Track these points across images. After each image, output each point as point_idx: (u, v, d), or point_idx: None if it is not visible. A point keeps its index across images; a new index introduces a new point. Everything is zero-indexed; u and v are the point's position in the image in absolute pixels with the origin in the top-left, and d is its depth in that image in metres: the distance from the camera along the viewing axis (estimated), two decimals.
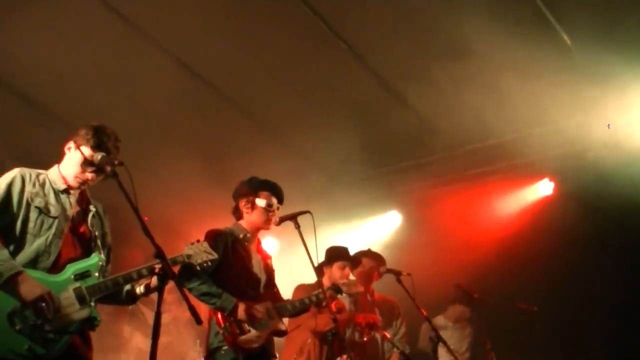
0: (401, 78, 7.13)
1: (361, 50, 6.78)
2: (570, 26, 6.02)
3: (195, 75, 7.09)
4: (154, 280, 3.46)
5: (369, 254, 6.30)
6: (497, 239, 7.44)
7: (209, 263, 3.76)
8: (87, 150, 3.50)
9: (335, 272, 5.80)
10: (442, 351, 5.42)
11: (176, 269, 3.76)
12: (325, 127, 7.89)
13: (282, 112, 7.89)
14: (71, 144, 3.58)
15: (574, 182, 7.32)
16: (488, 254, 7.37)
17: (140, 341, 7.41)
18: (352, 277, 5.48)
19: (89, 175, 3.53)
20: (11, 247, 3.31)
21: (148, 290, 3.57)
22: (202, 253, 3.73)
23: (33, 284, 3.20)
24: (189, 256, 3.69)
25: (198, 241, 3.79)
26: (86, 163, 3.50)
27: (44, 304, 3.16)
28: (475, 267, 7.07)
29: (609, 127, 6.86)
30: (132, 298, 3.67)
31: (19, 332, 3.17)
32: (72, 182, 3.57)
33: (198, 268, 3.74)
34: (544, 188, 7.77)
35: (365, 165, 8.78)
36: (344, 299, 5.87)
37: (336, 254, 5.77)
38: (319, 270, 5.83)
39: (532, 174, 7.79)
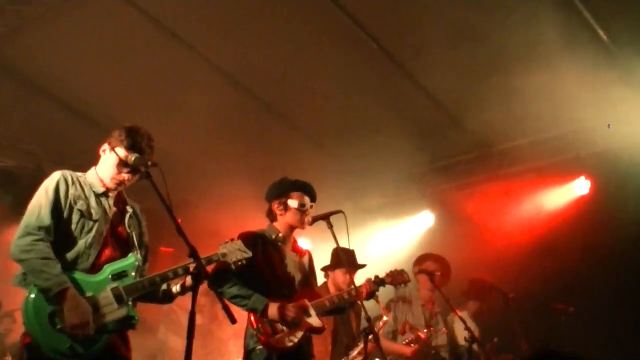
0: (431, 73, 7.08)
1: (394, 51, 6.77)
2: (606, 22, 5.93)
3: (243, 88, 7.33)
4: (189, 280, 3.49)
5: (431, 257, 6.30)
6: (531, 239, 7.34)
7: (244, 262, 3.79)
8: (122, 152, 3.54)
9: (338, 276, 5.79)
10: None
11: (210, 268, 3.78)
12: (356, 129, 7.90)
13: (313, 113, 7.92)
14: (106, 147, 3.64)
15: (610, 181, 7.19)
16: (522, 254, 7.28)
17: (173, 341, 7.47)
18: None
19: (125, 176, 3.58)
20: (56, 248, 3.35)
21: (184, 289, 3.60)
22: (236, 252, 3.76)
23: (76, 305, 3.23)
24: (224, 255, 3.73)
25: (232, 240, 3.81)
26: (121, 164, 3.55)
27: (79, 332, 3.21)
28: (509, 267, 6.98)
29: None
30: (169, 297, 3.71)
31: (60, 332, 3.22)
32: (109, 183, 3.62)
33: (233, 267, 3.76)
34: (580, 187, 7.64)
35: (398, 166, 8.76)
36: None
37: (340, 261, 5.65)
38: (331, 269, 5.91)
39: (568, 173, 7.68)
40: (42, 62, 6.96)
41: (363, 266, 5.22)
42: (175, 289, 3.65)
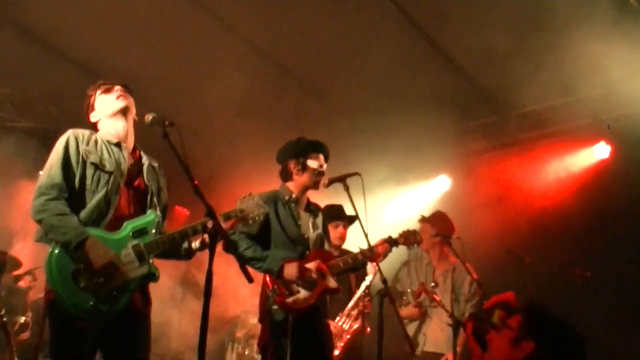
0: (452, 40, 7.00)
1: (417, 16, 6.70)
2: None
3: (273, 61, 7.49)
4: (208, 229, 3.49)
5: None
6: (549, 204, 7.30)
7: (261, 216, 3.80)
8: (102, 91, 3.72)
9: (329, 231, 5.77)
10: None
11: (229, 224, 3.79)
12: (375, 91, 7.84)
13: (329, 77, 7.87)
14: (91, 114, 3.77)
15: (630, 145, 7.10)
16: (540, 218, 7.24)
17: (190, 301, 7.56)
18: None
19: (118, 91, 3.72)
20: (73, 206, 3.38)
21: (203, 245, 3.62)
22: (253, 206, 3.76)
23: (98, 250, 3.27)
24: (241, 210, 3.73)
25: (250, 194, 3.82)
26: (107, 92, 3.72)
27: (109, 274, 3.28)
28: (526, 231, 6.96)
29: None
30: (189, 253, 3.73)
31: (83, 290, 3.26)
32: (117, 122, 3.67)
33: (250, 222, 3.78)
34: (599, 151, 7.55)
35: (414, 130, 8.70)
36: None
37: (330, 214, 5.59)
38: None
39: (588, 137, 7.59)
40: (59, 23, 6.95)
41: (354, 217, 5.02)
42: (195, 244, 3.68)
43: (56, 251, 3.29)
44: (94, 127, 3.74)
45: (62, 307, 3.24)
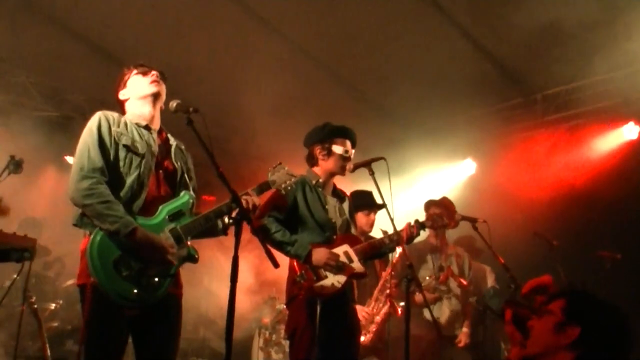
0: (476, 20, 6.91)
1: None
2: None
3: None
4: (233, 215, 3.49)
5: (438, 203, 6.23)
6: (577, 185, 7.21)
7: (293, 185, 3.84)
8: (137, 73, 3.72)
9: (360, 218, 5.75)
10: None
11: (263, 197, 3.79)
12: (400, 75, 7.79)
13: (354, 58, 7.82)
14: (122, 91, 3.74)
15: None
16: (568, 200, 7.16)
17: (216, 287, 7.60)
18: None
19: (153, 76, 3.70)
20: (110, 188, 3.37)
21: (235, 220, 3.58)
22: (284, 176, 3.78)
23: (150, 242, 3.29)
24: (273, 182, 3.76)
25: (280, 164, 3.82)
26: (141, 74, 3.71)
27: (165, 265, 3.33)
28: (554, 214, 6.89)
29: None
30: (225, 229, 3.74)
31: (125, 279, 3.27)
32: (147, 113, 3.66)
33: (283, 192, 3.82)
34: (628, 132, 7.43)
35: (441, 113, 8.65)
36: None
37: (359, 202, 5.66)
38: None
39: (617, 118, 7.47)
40: (89, 13, 6.99)
41: (382, 205, 5.02)
42: (226, 220, 3.68)
43: (98, 239, 3.28)
44: (119, 105, 3.73)
45: (105, 294, 3.24)
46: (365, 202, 5.69)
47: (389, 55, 7.48)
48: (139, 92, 3.68)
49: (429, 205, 6.23)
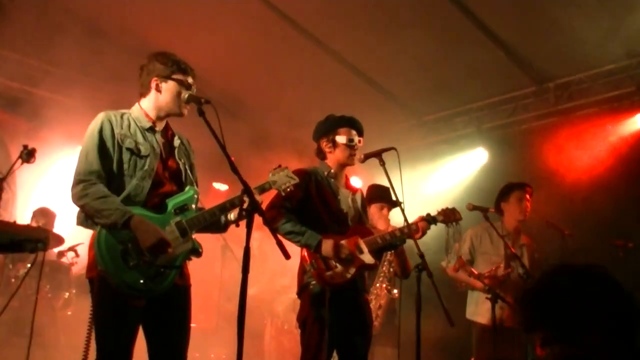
0: (489, 8, 6.87)
1: None
2: None
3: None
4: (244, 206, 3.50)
5: None
6: (590, 175, 7.16)
7: (292, 187, 3.85)
8: (178, 77, 3.63)
9: (373, 212, 5.75)
10: None
11: (266, 196, 3.81)
12: (411, 64, 7.76)
13: (366, 48, 7.80)
14: (156, 79, 3.65)
15: None
16: (581, 190, 7.12)
17: (229, 277, 7.63)
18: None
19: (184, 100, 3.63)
20: (112, 190, 3.41)
21: (240, 216, 3.60)
22: (284, 178, 3.81)
23: (146, 228, 3.32)
24: (273, 182, 3.77)
25: (280, 166, 3.85)
26: (182, 88, 3.63)
27: (159, 250, 3.34)
28: (566, 203, 6.85)
29: None
30: (226, 225, 3.79)
31: (133, 269, 3.31)
32: (162, 113, 3.66)
33: (282, 193, 3.83)
34: None
35: (452, 102, 8.62)
36: None
37: (375, 195, 5.68)
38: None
39: (630, 106, 7.41)
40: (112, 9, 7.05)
41: (398, 203, 4.99)
42: (231, 216, 3.72)
43: (104, 231, 3.33)
44: (145, 87, 3.70)
45: (113, 285, 3.28)
46: (380, 196, 5.68)
47: (400, 43, 7.45)
48: (168, 102, 3.64)
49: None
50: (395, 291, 5.83)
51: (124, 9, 7.30)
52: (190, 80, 3.67)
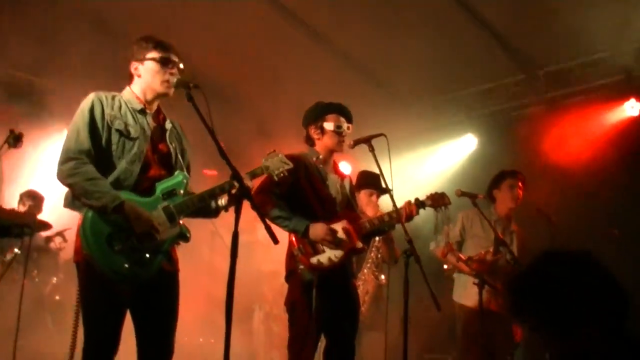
0: None
1: None
2: None
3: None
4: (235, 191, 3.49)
5: None
6: (577, 162, 7.19)
7: (286, 172, 3.83)
8: (155, 56, 3.59)
9: (362, 198, 5.76)
10: None
11: (257, 181, 3.80)
12: (401, 50, 7.74)
13: (356, 35, 7.77)
14: (136, 64, 3.64)
15: None
16: (568, 177, 7.16)
17: (219, 263, 7.63)
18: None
19: (170, 75, 3.58)
20: (100, 171, 3.38)
21: (230, 202, 3.61)
22: (278, 163, 3.79)
23: (138, 214, 3.30)
24: (266, 167, 3.76)
25: (274, 151, 3.83)
26: (162, 65, 3.58)
27: (149, 237, 3.33)
28: (556, 190, 6.87)
29: None
30: (216, 211, 3.76)
31: (118, 253, 3.30)
32: (150, 95, 3.63)
33: (276, 178, 3.81)
34: (630, 109, 7.40)
35: (442, 88, 8.62)
36: None
37: (365, 181, 5.73)
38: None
39: (618, 95, 7.44)
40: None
41: (387, 190, 5.00)
42: (221, 202, 3.69)
43: (90, 215, 3.31)
44: (129, 75, 3.68)
45: (99, 270, 3.27)
46: (370, 183, 5.70)
47: (390, 31, 7.42)
48: (149, 83, 3.62)
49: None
50: (383, 277, 5.85)
51: None
52: (172, 57, 3.61)
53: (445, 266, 6.01)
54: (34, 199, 7.15)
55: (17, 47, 6.89)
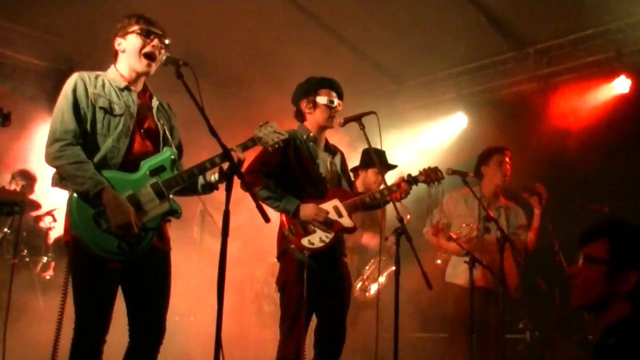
0: None
1: None
2: None
3: None
4: (225, 166, 3.41)
5: None
6: (568, 139, 7.22)
7: (281, 143, 3.76)
8: (138, 39, 3.55)
9: (370, 176, 5.75)
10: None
11: (248, 154, 3.72)
12: (390, 29, 7.70)
13: (346, 14, 7.71)
14: (119, 40, 3.61)
15: None
16: (558, 154, 7.19)
17: (210, 243, 7.62)
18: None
19: (147, 60, 3.55)
20: (87, 150, 3.37)
21: (222, 176, 3.53)
22: (271, 134, 3.70)
23: (117, 205, 3.26)
24: (259, 139, 3.68)
25: (267, 122, 3.77)
26: (142, 47, 3.55)
27: (125, 232, 3.28)
28: (543, 168, 6.90)
29: None
30: (209, 187, 3.71)
31: (105, 232, 3.28)
32: (133, 74, 3.59)
33: (270, 149, 3.73)
34: (620, 86, 7.40)
35: (432, 66, 8.59)
36: None
37: (373, 160, 5.64)
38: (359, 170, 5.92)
39: (608, 72, 7.45)
40: None
41: (394, 167, 5.07)
42: (214, 177, 3.64)
43: (75, 196, 3.31)
44: (114, 53, 3.65)
45: (88, 249, 3.26)
46: (379, 162, 5.67)
47: (380, 8, 7.38)
48: (130, 58, 3.59)
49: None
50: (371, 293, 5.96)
51: None
52: (154, 29, 3.57)
53: (439, 261, 6.06)
54: (26, 178, 7.12)
55: None
